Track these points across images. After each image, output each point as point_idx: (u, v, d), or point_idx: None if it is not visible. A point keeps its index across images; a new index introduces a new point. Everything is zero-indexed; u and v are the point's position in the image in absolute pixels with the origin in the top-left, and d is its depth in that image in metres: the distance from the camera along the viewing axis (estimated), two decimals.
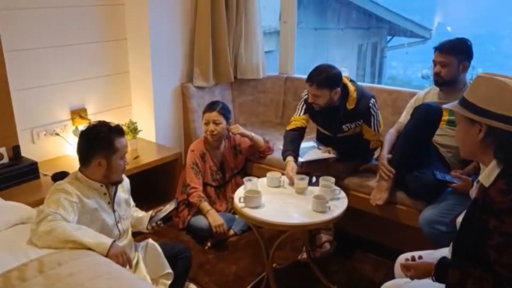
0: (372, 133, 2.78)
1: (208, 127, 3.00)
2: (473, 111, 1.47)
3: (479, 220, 1.42)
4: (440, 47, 2.58)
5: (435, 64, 2.61)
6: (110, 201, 2.06)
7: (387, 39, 10.17)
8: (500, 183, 1.40)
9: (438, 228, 2.32)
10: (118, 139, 2.00)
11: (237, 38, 3.67)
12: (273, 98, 3.89)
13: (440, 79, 2.59)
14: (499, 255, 1.35)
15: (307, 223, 2.17)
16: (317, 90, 2.60)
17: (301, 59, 3.95)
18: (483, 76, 1.51)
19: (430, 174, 2.42)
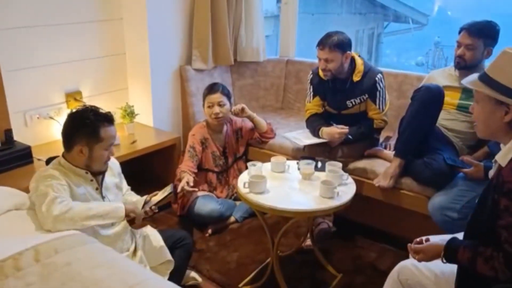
0: (377, 111, 2.73)
1: (212, 110, 2.89)
2: (501, 91, 1.39)
3: (492, 200, 1.39)
4: (469, 28, 2.46)
5: (459, 46, 2.51)
6: (98, 187, 1.97)
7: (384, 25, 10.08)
8: None
9: (449, 215, 2.25)
10: (104, 128, 1.89)
11: (237, 20, 3.56)
12: (273, 82, 3.80)
13: (463, 62, 2.49)
14: (509, 234, 1.33)
15: (315, 209, 2.09)
16: (329, 53, 2.58)
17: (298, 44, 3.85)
18: (511, 52, 1.41)
19: (441, 159, 2.35)
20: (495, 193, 1.39)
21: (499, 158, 1.44)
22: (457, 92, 2.56)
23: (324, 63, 2.64)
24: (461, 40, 2.49)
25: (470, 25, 2.46)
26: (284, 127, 3.33)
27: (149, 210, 2.05)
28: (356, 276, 2.50)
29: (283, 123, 3.45)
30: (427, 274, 1.68)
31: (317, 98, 2.88)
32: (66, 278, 1.44)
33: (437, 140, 2.51)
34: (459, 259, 1.47)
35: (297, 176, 2.37)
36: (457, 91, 2.56)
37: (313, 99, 2.89)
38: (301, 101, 3.61)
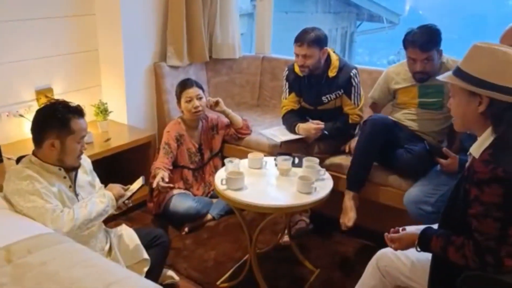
0: (352, 106, 2.77)
1: (192, 104, 2.86)
2: (473, 83, 1.43)
3: (464, 190, 1.44)
4: (420, 44, 2.38)
5: (414, 61, 2.45)
6: (72, 185, 1.92)
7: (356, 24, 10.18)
8: (485, 154, 1.40)
9: (424, 208, 2.28)
10: (75, 119, 1.85)
11: (212, 17, 3.54)
12: (249, 79, 3.78)
13: (426, 75, 2.47)
14: (479, 223, 1.38)
15: (293, 204, 2.09)
16: (307, 49, 2.60)
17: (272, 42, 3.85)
18: (481, 46, 1.46)
19: (422, 146, 2.40)
20: (466, 183, 1.43)
21: (473, 150, 1.48)
22: (414, 90, 2.57)
23: (302, 59, 2.65)
24: (415, 56, 2.43)
25: (418, 40, 2.39)
26: (260, 124, 3.33)
27: (122, 204, 2.02)
28: (334, 271, 2.51)
29: (259, 120, 3.44)
30: (404, 261, 1.72)
31: (293, 95, 2.89)
32: (42, 278, 1.40)
33: (409, 140, 2.54)
34: (432, 247, 1.52)
35: (274, 172, 2.37)
36: (414, 90, 2.57)
37: (289, 95, 2.90)
38: (277, 98, 3.60)
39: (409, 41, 2.44)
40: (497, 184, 1.32)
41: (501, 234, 1.34)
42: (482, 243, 1.38)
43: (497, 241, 1.35)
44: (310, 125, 2.72)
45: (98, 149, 2.84)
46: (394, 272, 1.75)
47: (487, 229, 1.36)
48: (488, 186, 1.34)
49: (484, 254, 1.37)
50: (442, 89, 2.50)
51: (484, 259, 1.37)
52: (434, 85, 2.50)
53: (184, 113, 2.91)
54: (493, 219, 1.35)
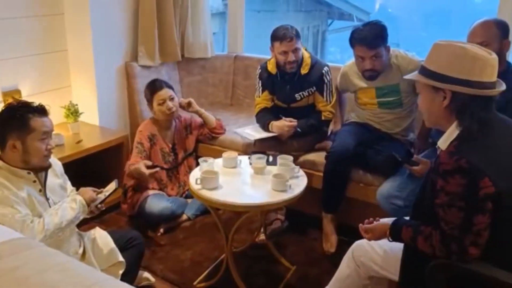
0: (324, 103, 2.80)
1: (165, 106, 2.83)
2: (436, 78, 1.48)
3: (431, 181, 1.48)
4: (366, 42, 2.39)
5: (362, 59, 2.46)
6: (42, 189, 1.88)
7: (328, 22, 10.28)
8: (450, 146, 1.45)
9: (396, 203, 2.33)
10: (35, 118, 1.81)
11: (184, 16, 3.51)
12: (222, 78, 3.77)
13: (375, 73, 2.49)
14: (444, 213, 1.42)
15: (268, 202, 2.10)
16: (297, 43, 2.66)
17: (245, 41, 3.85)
18: (441, 43, 1.52)
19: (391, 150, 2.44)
20: (433, 174, 1.48)
21: (440, 143, 1.53)
22: (372, 92, 2.61)
23: (292, 54, 2.66)
24: (363, 54, 2.44)
25: (364, 38, 2.39)
26: (234, 123, 3.33)
27: (95, 208, 1.99)
28: (310, 268, 2.53)
29: (233, 119, 3.44)
30: (377, 251, 1.78)
31: (266, 93, 2.90)
32: (14, 283, 1.36)
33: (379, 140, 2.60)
34: (403, 237, 1.57)
35: (249, 171, 2.38)
36: (372, 91, 2.61)
37: (262, 93, 2.91)
38: (250, 97, 3.61)
39: (356, 38, 2.44)
40: (460, 175, 1.37)
41: (465, 223, 1.39)
42: (448, 232, 1.42)
43: (461, 230, 1.40)
44: (283, 123, 2.74)
45: (69, 151, 2.78)
46: (367, 262, 1.80)
47: (452, 219, 1.41)
48: (452, 177, 1.38)
49: (449, 243, 1.42)
50: (397, 88, 2.54)
51: (449, 247, 1.42)
52: (388, 85, 2.55)
53: (157, 114, 2.88)
54: (457, 209, 1.39)
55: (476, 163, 1.35)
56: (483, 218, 1.37)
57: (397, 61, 2.53)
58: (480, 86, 1.41)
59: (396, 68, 2.53)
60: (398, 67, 2.53)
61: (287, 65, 2.72)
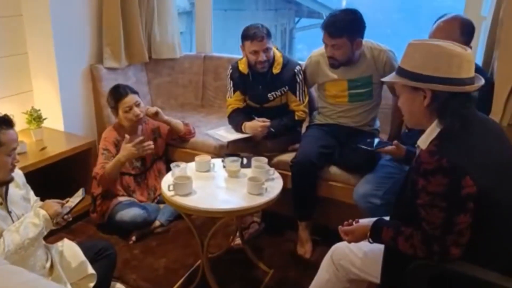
0: (297, 103, 2.77)
1: (132, 113, 2.73)
2: (414, 78, 1.45)
3: (412, 181, 1.46)
4: (329, 30, 2.37)
5: (325, 45, 2.46)
6: (3, 202, 1.77)
7: (295, 20, 10.32)
8: (431, 145, 1.42)
9: (373, 201, 2.31)
10: (3, 131, 1.70)
11: (150, 15, 3.41)
12: (192, 79, 3.69)
13: (336, 61, 2.49)
14: (426, 213, 1.40)
15: (244, 207, 2.03)
16: (268, 43, 2.63)
17: (213, 40, 3.77)
18: (415, 43, 1.50)
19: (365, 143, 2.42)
20: (414, 174, 1.45)
21: (420, 142, 1.50)
22: (343, 84, 2.58)
23: (263, 54, 2.63)
24: (326, 41, 2.43)
25: (329, 25, 2.37)
26: (206, 125, 3.25)
27: (61, 220, 1.89)
28: (288, 270, 2.49)
29: (204, 121, 3.37)
30: (357, 253, 1.74)
31: (238, 93, 2.84)
32: None
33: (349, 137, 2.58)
34: (383, 238, 1.54)
35: (223, 174, 2.31)
36: (344, 83, 2.58)
37: (234, 94, 2.85)
38: (221, 97, 3.54)
39: (324, 23, 2.42)
40: (442, 174, 1.34)
41: (446, 223, 1.37)
42: (429, 232, 1.40)
43: (442, 230, 1.38)
44: (256, 123, 2.69)
45: (33, 159, 2.65)
46: (347, 265, 1.77)
47: (433, 219, 1.39)
48: (433, 177, 1.36)
49: (431, 243, 1.40)
50: (370, 80, 2.54)
51: (430, 247, 1.40)
52: (362, 77, 2.54)
53: (123, 121, 2.77)
54: (439, 209, 1.37)
55: (457, 162, 1.33)
56: (464, 218, 1.35)
57: (371, 52, 2.52)
58: (459, 83, 1.39)
59: (370, 59, 2.53)
60: (372, 58, 2.53)
61: (258, 65, 2.67)
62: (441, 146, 1.38)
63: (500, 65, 2.06)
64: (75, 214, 2.11)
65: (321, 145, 2.56)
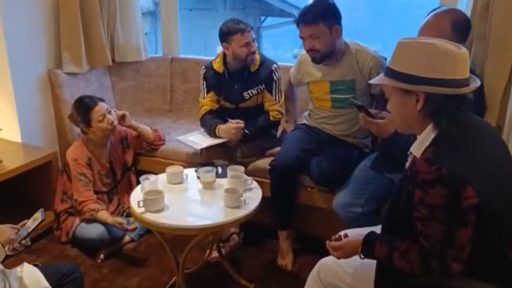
0: (273, 102, 2.67)
1: (107, 121, 2.53)
2: (405, 80, 1.33)
3: (407, 192, 1.35)
4: (303, 19, 2.26)
5: (303, 40, 2.34)
6: None
7: (261, 19, 10.25)
8: (427, 152, 1.31)
9: (354, 211, 2.19)
10: None
11: (112, 16, 3.21)
12: (159, 83, 3.51)
13: (317, 54, 2.33)
14: (424, 227, 1.29)
15: (221, 222, 1.89)
16: (253, 33, 2.56)
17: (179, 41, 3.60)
18: (405, 41, 1.37)
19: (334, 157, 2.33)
20: (409, 184, 1.34)
21: (414, 149, 1.39)
22: (326, 86, 2.45)
23: (253, 44, 2.54)
24: (302, 34, 2.31)
25: (303, 15, 2.27)
26: (176, 130, 3.08)
27: (18, 245, 1.70)
28: (270, 283, 2.37)
29: (174, 126, 3.20)
30: (346, 269, 1.62)
31: (212, 94, 2.72)
32: None
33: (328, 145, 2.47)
34: (377, 254, 1.42)
35: (197, 186, 2.16)
36: (326, 85, 2.45)
37: (207, 95, 2.72)
38: (191, 101, 3.38)
39: (298, 17, 2.31)
40: (441, 185, 1.23)
41: (446, 237, 1.26)
42: (427, 247, 1.29)
43: (442, 244, 1.27)
44: (230, 125, 2.55)
45: None
46: (336, 282, 1.64)
47: (432, 233, 1.28)
48: (432, 188, 1.25)
49: (430, 259, 1.29)
50: (352, 85, 2.39)
51: (429, 264, 1.29)
52: (343, 80, 2.40)
53: (97, 133, 2.58)
54: (438, 222, 1.26)
55: (457, 171, 1.22)
56: (465, 231, 1.24)
57: (356, 55, 2.37)
58: (455, 84, 1.28)
59: (354, 62, 2.37)
60: (356, 62, 2.37)
61: (249, 57, 2.56)
62: (439, 154, 1.27)
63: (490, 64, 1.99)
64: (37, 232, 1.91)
65: (301, 148, 2.44)
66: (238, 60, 2.59)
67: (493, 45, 2.08)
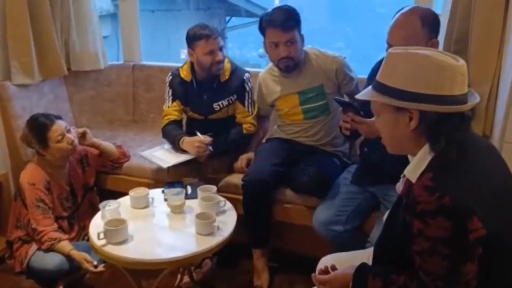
0: (246, 114, 2.51)
1: (67, 140, 2.28)
2: (398, 97, 1.18)
3: (403, 221, 1.20)
4: (281, 24, 2.14)
5: (276, 46, 2.19)
6: None
7: (226, 19, 10.12)
8: (425, 178, 1.16)
9: (335, 229, 2.06)
10: None
11: (66, 20, 2.96)
12: (120, 92, 3.28)
13: (291, 62, 2.22)
14: (424, 261, 1.15)
15: (194, 253, 1.70)
16: (221, 41, 2.39)
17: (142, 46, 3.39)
18: (396, 52, 1.23)
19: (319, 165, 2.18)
20: (406, 213, 1.19)
21: (408, 173, 1.24)
22: (294, 98, 2.33)
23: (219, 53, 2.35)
24: (275, 39, 2.18)
25: (278, 19, 2.15)
26: (140, 143, 2.87)
27: None
28: None
29: (138, 139, 2.98)
30: None
31: (178, 103, 2.53)
32: None
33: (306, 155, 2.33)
34: None
35: (164, 210, 1.97)
36: (294, 97, 2.33)
37: (172, 103, 2.53)
38: (155, 111, 3.17)
39: (267, 21, 2.18)
40: (444, 216, 1.09)
41: (451, 274, 1.12)
42: (428, 284, 1.15)
43: (447, 281, 1.13)
44: (196, 138, 2.37)
45: None
46: None
47: (434, 268, 1.14)
48: (434, 219, 1.10)
49: None
50: (321, 90, 2.30)
51: None
52: (312, 88, 2.30)
53: (55, 154, 2.33)
54: (441, 257, 1.12)
55: (461, 200, 1.08)
56: (472, 266, 1.11)
57: (316, 61, 2.30)
58: (452, 102, 1.14)
59: (317, 67, 2.30)
60: (319, 66, 2.30)
61: (214, 67, 2.38)
62: (439, 181, 1.12)
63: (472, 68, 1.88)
64: None
65: (275, 162, 2.28)
66: (202, 69, 2.41)
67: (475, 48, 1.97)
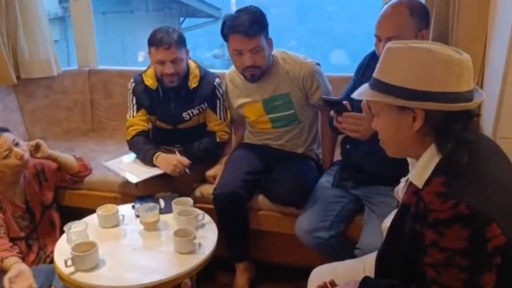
0: (218, 121, 2.35)
1: (14, 155, 2.05)
2: (399, 95, 1.08)
3: (412, 232, 1.10)
4: (245, 30, 1.92)
5: (240, 54, 1.99)
6: None
7: (180, 20, 9.91)
8: (436, 183, 1.06)
9: (320, 236, 1.93)
10: None
11: (12, 25, 2.74)
12: (76, 99, 3.06)
13: (258, 71, 2.03)
14: (439, 274, 1.05)
15: (173, 276, 1.53)
16: (178, 52, 2.15)
17: None
18: (396, 47, 1.12)
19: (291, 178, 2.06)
20: (416, 223, 1.09)
21: (414, 178, 1.14)
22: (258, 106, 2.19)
23: (170, 65, 2.13)
24: (239, 46, 1.97)
25: (241, 24, 1.93)
26: (102, 153, 2.67)
27: None
28: None
29: (99, 149, 2.77)
30: None
31: (143, 112, 2.34)
32: None
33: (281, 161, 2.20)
34: None
35: (137, 228, 1.79)
36: (259, 105, 2.18)
37: (137, 113, 2.35)
38: (115, 117, 2.98)
39: (230, 26, 1.97)
40: (461, 225, 1.00)
41: (469, 287, 1.03)
42: None
43: None
44: (174, 157, 2.18)
45: None
46: None
47: (450, 281, 1.04)
48: (449, 228, 1.01)
49: None
50: (287, 98, 2.13)
51: None
52: (277, 95, 2.14)
53: (5, 172, 2.08)
54: (458, 269, 1.02)
55: (479, 206, 0.99)
56: (490, 276, 1.02)
57: (285, 66, 2.11)
58: (459, 99, 1.05)
59: (284, 74, 2.11)
60: (287, 73, 2.11)
61: (164, 78, 2.20)
62: (452, 185, 1.03)
63: None
64: None
65: (246, 171, 2.14)
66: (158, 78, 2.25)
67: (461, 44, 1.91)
